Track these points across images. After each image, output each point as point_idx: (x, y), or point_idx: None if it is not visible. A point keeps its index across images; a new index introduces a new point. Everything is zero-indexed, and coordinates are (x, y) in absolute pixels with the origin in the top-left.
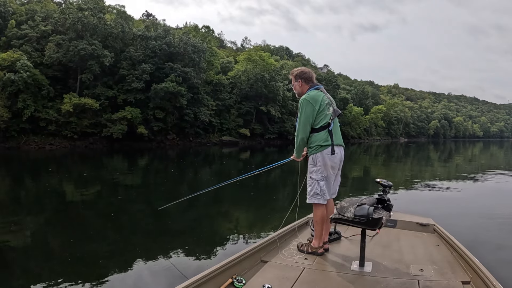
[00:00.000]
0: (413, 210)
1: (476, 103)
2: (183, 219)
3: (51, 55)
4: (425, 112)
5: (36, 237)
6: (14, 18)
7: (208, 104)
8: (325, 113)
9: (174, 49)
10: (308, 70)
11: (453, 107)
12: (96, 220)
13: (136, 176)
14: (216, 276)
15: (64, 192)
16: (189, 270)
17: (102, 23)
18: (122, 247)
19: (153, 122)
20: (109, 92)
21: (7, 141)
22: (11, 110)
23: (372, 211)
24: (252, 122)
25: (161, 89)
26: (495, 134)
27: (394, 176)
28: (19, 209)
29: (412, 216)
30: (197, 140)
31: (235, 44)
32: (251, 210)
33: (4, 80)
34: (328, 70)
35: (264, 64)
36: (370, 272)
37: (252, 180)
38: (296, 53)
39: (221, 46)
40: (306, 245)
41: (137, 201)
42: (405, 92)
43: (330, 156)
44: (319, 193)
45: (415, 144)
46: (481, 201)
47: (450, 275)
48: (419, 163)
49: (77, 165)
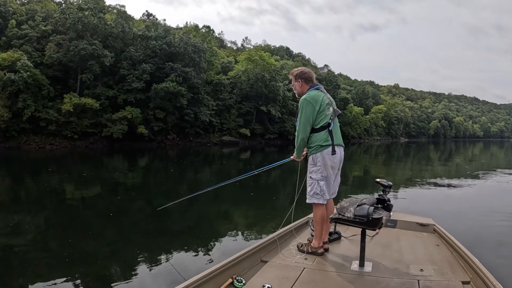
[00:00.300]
0: (413, 210)
1: (477, 103)
2: (183, 219)
3: (52, 55)
4: (426, 112)
5: (36, 237)
6: (15, 18)
7: (209, 104)
8: (325, 113)
9: (175, 49)
10: (308, 70)
11: (453, 107)
12: (95, 220)
13: (136, 176)
14: (216, 276)
15: (64, 192)
16: (189, 270)
17: (102, 23)
18: (122, 247)
19: (153, 122)
20: (110, 92)
21: (7, 141)
22: (11, 110)
23: (372, 211)
24: (252, 122)
25: (162, 89)
26: (496, 134)
27: (395, 176)
28: (19, 208)
29: (412, 216)
30: (197, 140)
31: (235, 44)
32: (251, 210)
33: (4, 80)
34: (329, 70)
35: (265, 64)
36: (370, 272)
37: (252, 180)
38: (297, 53)
39: (221, 46)
40: (306, 245)
41: (136, 201)
42: (405, 92)
43: (330, 156)
44: (319, 193)
45: (416, 144)
46: (481, 201)
47: (450, 275)
48: (419, 163)
49: (77, 165)
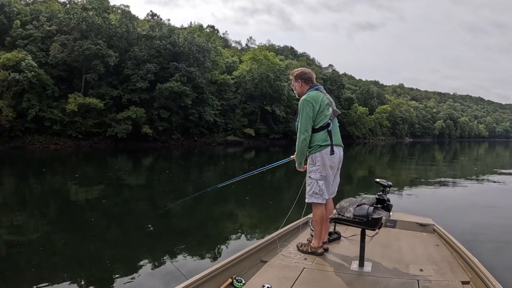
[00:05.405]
0: (412, 210)
1: (482, 103)
2: (183, 219)
3: (56, 55)
4: (430, 112)
5: (39, 236)
6: (19, 18)
7: (213, 104)
8: (324, 114)
9: (179, 49)
10: (308, 70)
11: (458, 107)
12: (97, 220)
13: (140, 176)
14: (215, 276)
15: (68, 192)
16: (188, 270)
17: (106, 23)
18: (122, 247)
19: (157, 122)
20: (114, 91)
21: (12, 141)
22: (16, 109)
23: (371, 211)
24: (256, 122)
25: (166, 88)
26: (501, 134)
27: (399, 176)
28: (23, 208)
29: (412, 216)
30: (202, 140)
31: (239, 44)
32: (251, 210)
33: (9, 80)
34: (333, 70)
35: (269, 64)
36: (370, 272)
37: (252, 180)
38: (301, 53)
39: (225, 46)
40: (306, 245)
41: (139, 201)
42: (410, 92)
43: (329, 156)
44: (318, 193)
45: (420, 144)
46: (481, 201)
47: (449, 275)
48: (423, 163)
49: (81, 165)
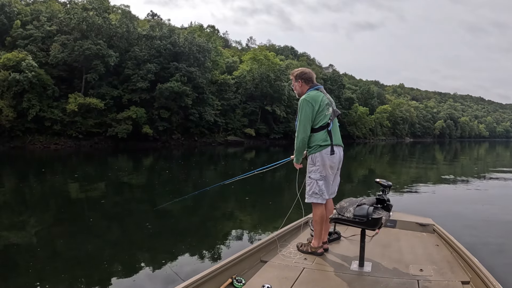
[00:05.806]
0: (412, 210)
1: (482, 103)
2: (182, 219)
3: (56, 55)
4: (431, 112)
5: (38, 236)
6: (19, 18)
7: (213, 103)
8: (324, 113)
9: (179, 49)
10: (308, 70)
11: (458, 107)
12: (97, 220)
13: (140, 176)
14: (215, 276)
15: (67, 192)
16: (188, 270)
17: (107, 23)
18: (122, 247)
19: (158, 122)
20: (114, 91)
21: (12, 141)
22: (16, 109)
23: (371, 211)
24: (257, 122)
25: (166, 88)
26: (501, 134)
27: (399, 176)
28: (22, 208)
29: (412, 216)
30: (202, 140)
31: (240, 44)
32: (251, 210)
33: (9, 80)
34: (334, 70)
35: (269, 64)
36: (370, 272)
37: (252, 180)
38: (301, 53)
39: (226, 46)
40: (306, 245)
41: (139, 201)
42: (410, 92)
43: (329, 156)
44: (318, 193)
45: (421, 144)
46: (481, 201)
47: (449, 275)
48: (424, 163)
49: (81, 165)
